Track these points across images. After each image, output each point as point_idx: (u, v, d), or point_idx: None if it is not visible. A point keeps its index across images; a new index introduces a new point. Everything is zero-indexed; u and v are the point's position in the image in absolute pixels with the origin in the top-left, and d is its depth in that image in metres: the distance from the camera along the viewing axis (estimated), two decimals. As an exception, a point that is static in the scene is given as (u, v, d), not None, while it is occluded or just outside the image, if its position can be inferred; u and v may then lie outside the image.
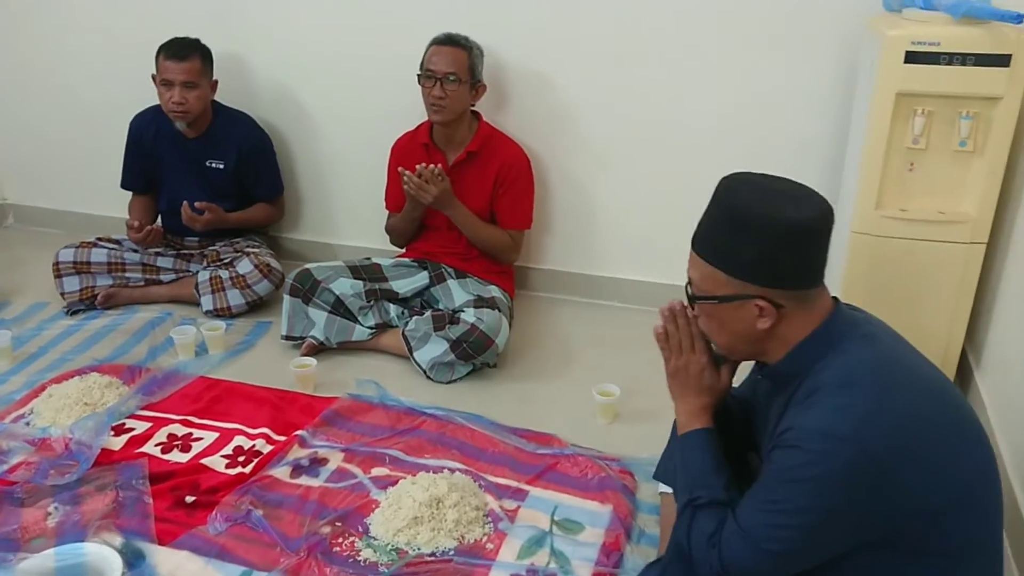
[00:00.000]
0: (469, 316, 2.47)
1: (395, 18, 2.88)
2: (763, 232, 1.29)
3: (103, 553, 1.73)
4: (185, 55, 2.77)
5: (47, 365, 2.57)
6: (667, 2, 2.62)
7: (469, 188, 2.68)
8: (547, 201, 2.95)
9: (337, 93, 3.05)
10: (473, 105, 2.71)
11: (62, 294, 2.88)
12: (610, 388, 2.31)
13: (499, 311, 2.51)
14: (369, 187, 3.00)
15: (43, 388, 2.40)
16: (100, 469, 2.05)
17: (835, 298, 1.41)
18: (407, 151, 2.75)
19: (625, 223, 2.92)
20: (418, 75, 2.61)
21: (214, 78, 2.89)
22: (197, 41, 2.84)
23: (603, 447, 2.18)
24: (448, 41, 2.62)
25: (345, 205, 3.21)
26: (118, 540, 1.80)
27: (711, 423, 1.51)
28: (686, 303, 1.48)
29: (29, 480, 2.01)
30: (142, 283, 2.94)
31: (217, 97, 2.94)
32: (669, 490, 1.67)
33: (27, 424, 2.25)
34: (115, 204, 3.35)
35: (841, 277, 2.28)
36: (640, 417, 2.33)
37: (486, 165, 2.69)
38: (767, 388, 1.50)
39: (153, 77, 2.79)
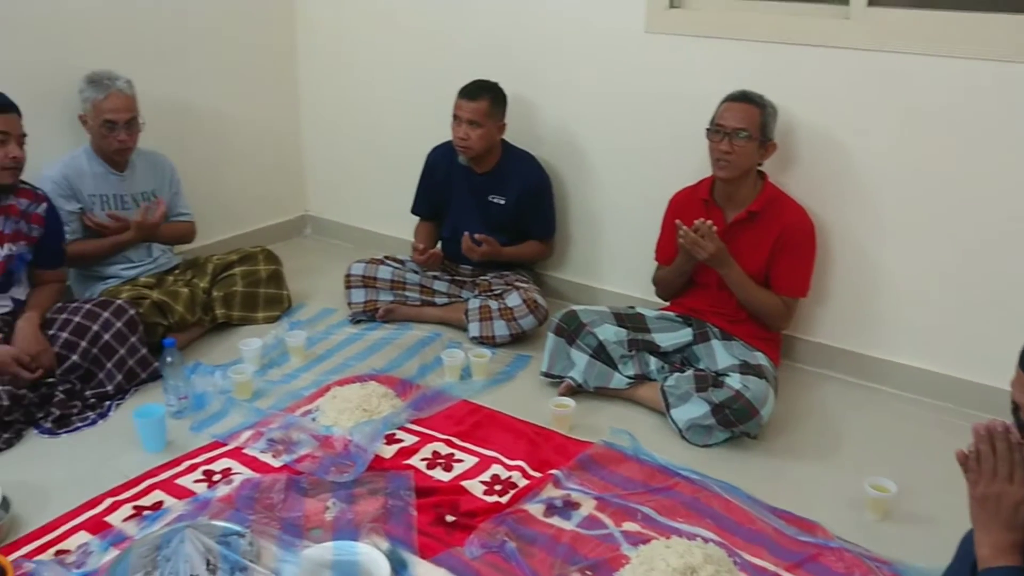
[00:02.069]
0: (734, 382, 2.39)
1: (685, 76, 2.89)
2: None
3: (374, 556, 1.84)
4: (476, 96, 2.95)
5: (332, 368, 2.82)
6: (983, 70, 2.42)
7: (746, 248, 2.61)
8: (826, 269, 2.80)
9: (620, 143, 3.11)
10: (760, 164, 2.65)
11: (349, 304, 3.15)
12: (885, 483, 2.13)
13: (766, 380, 2.41)
14: (639, 237, 3.02)
15: (328, 389, 2.63)
16: (372, 474, 2.21)
17: None
18: (685, 205, 2.74)
19: (913, 303, 2.70)
20: (707, 129, 2.59)
21: (503, 121, 3.05)
22: (494, 85, 3.02)
23: (871, 546, 2.01)
24: (742, 98, 2.58)
25: (613, 251, 3.25)
26: (385, 545, 1.91)
27: (1021, 561, 1.34)
28: (1011, 427, 1.33)
29: (313, 473, 2.20)
30: (418, 303, 3.16)
31: (507, 136, 3.10)
32: (950, 610, 1.51)
33: (313, 420, 2.47)
34: (399, 226, 3.65)
35: None
36: (914, 519, 2.13)
37: (767, 226, 2.61)
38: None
39: (457, 114, 3.01)
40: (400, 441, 2.38)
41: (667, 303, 2.85)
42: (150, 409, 2.34)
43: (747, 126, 2.53)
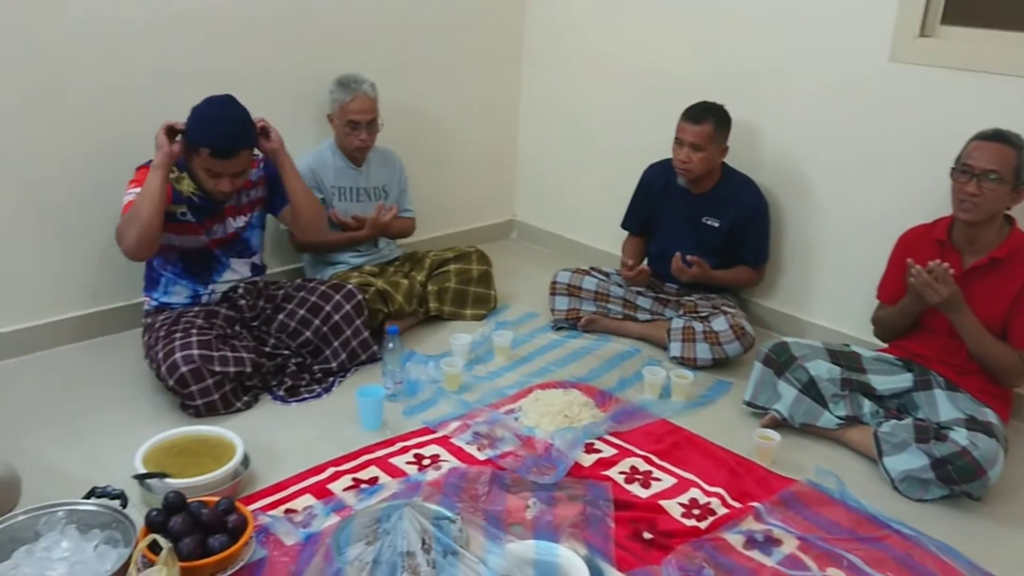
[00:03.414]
0: (960, 437, 2.24)
1: (930, 109, 2.74)
2: None
3: (574, 560, 1.88)
4: (700, 119, 2.93)
5: (534, 370, 2.90)
6: None
7: (983, 296, 2.43)
8: (1073, 329, 2.56)
9: (849, 173, 2.99)
10: (1009, 209, 2.46)
11: (552, 310, 3.23)
12: None
13: (996, 440, 2.23)
14: (859, 272, 2.91)
15: (530, 391, 2.72)
16: (572, 480, 2.25)
17: None
18: (917, 244, 2.59)
19: None
20: (952, 168, 2.44)
21: (726, 144, 3.01)
22: (719, 108, 2.98)
23: (1113, 638, 1.83)
24: (996, 137, 2.41)
25: (828, 284, 3.13)
26: (583, 551, 1.95)
27: None
28: None
29: (515, 471, 2.28)
30: (620, 316, 3.19)
31: (726, 159, 3.06)
32: None
33: (516, 419, 2.55)
34: (603, 238, 3.72)
35: None
36: None
37: (1010, 275, 2.42)
38: None
39: (678, 137, 3.01)
40: (599, 452, 2.42)
41: (886, 345, 2.71)
42: (372, 390, 2.51)
43: (999, 168, 2.35)
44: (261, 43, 3.13)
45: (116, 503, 1.88)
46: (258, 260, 2.88)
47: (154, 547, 1.73)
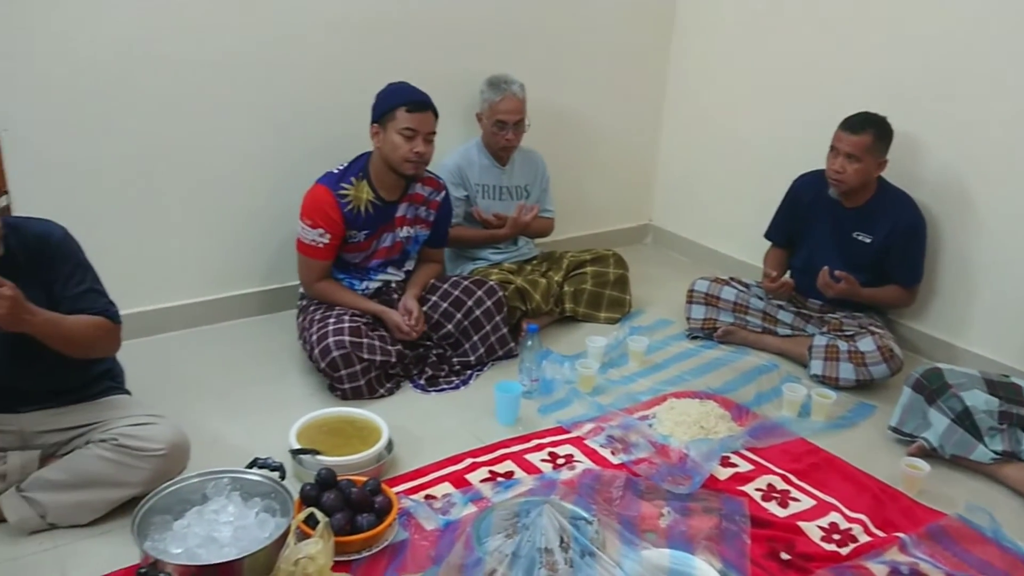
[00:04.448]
0: None
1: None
2: None
3: (710, 574, 1.87)
4: (860, 129, 2.82)
5: (668, 378, 2.89)
6: None
7: None
8: None
9: (1013, 193, 2.82)
10: None
11: (688, 319, 3.20)
12: None
13: None
14: (1022, 299, 2.73)
15: (664, 399, 2.71)
16: (707, 492, 2.23)
17: None
18: (1094, 274, 2.43)
19: None
20: None
21: (885, 158, 2.89)
22: (881, 120, 2.85)
23: None
24: None
25: (985, 310, 2.96)
26: (718, 565, 1.94)
27: None
28: None
29: (650, 478, 2.28)
30: (759, 329, 3.12)
31: (884, 173, 2.94)
32: None
33: (650, 426, 2.55)
34: (742, 248, 3.65)
35: None
36: None
37: None
38: None
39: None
40: (735, 466, 2.38)
41: (1048, 378, 2.55)
42: (509, 385, 2.57)
43: None
44: (414, 43, 3.23)
45: (276, 475, 2.00)
46: (409, 266, 2.99)
47: (309, 520, 1.83)
